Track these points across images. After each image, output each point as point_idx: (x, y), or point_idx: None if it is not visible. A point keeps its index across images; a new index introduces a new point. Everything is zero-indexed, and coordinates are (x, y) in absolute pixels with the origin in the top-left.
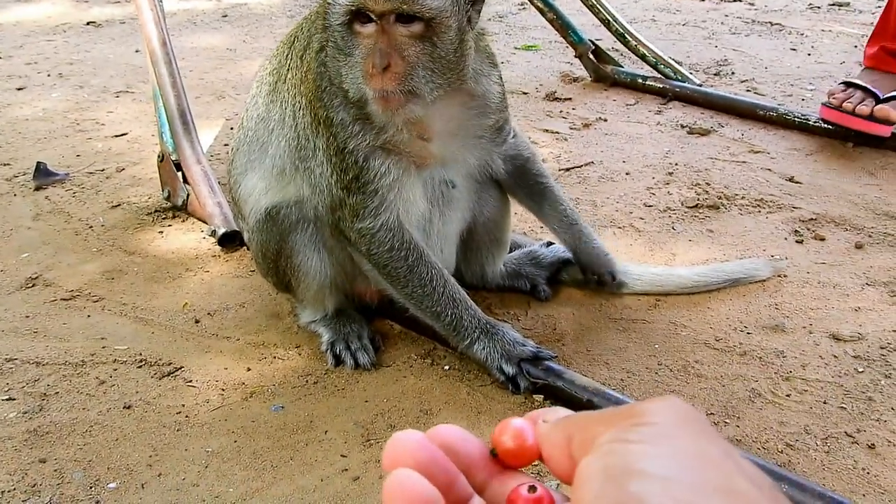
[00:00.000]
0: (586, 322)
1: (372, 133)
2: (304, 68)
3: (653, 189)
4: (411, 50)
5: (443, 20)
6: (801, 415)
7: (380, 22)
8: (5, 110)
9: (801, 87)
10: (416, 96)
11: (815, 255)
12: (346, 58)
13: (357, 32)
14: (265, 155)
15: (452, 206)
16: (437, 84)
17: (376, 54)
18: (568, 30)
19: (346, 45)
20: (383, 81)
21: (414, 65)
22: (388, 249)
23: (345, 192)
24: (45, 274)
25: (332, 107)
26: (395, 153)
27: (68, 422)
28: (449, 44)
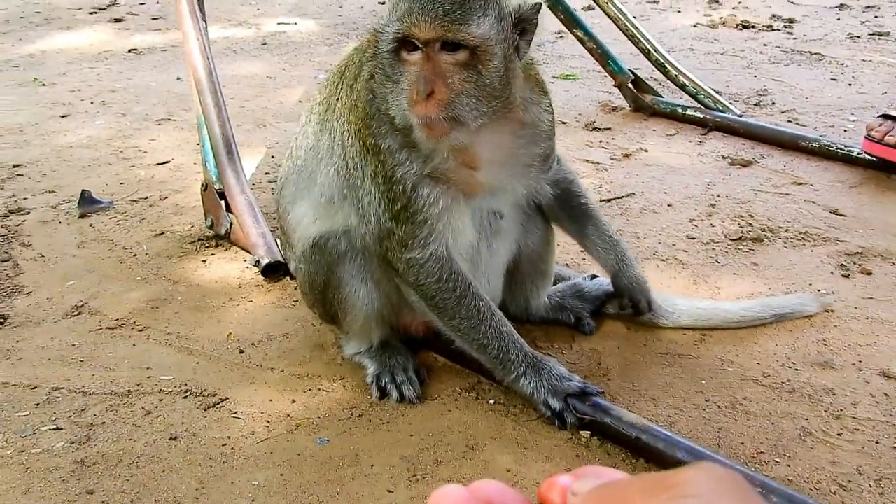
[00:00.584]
0: (631, 357)
1: (419, 161)
2: (353, 97)
3: (695, 221)
4: (456, 77)
5: (488, 48)
6: (853, 455)
7: (425, 49)
8: (50, 137)
9: (843, 117)
10: (460, 123)
11: (863, 290)
12: (393, 84)
13: (404, 60)
14: (313, 184)
15: (500, 237)
16: (482, 112)
17: (421, 81)
18: (607, 59)
19: (393, 72)
20: (427, 108)
21: (458, 92)
22: (437, 280)
23: (393, 221)
24: (90, 302)
25: (381, 134)
26: (443, 182)
27: (115, 453)
28: (494, 72)
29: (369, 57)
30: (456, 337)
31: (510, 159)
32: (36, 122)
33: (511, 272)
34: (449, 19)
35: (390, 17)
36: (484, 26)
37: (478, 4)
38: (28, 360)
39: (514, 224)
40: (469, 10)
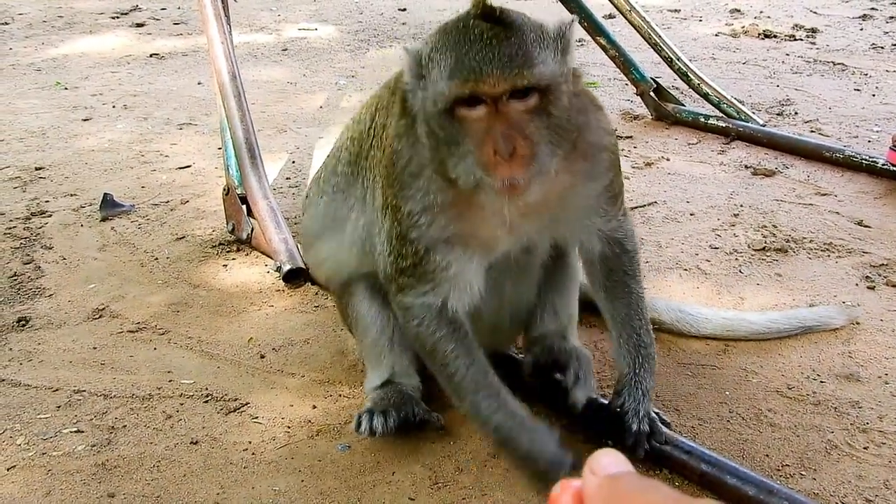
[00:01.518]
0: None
1: (439, 226)
2: (382, 148)
3: (718, 231)
4: (531, 126)
5: (557, 85)
6: (880, 469)
7: (492, 103)
8: (72, 141)
9: (867, 128)
10: (542, 175)
11: (888, 302)
12: (449, 147)
13: (462, 117)
14: (342, 230)
15: (528, 271)
16: (559, 156)
17: (499, 140)
18: (630, 67)
19: (449, 133)
20: (512, 169)
21: (537, 142)
22: (426, 327)
23: (398, 273)
24: (111, 305)
25: (402, 196)
26: (461, 245)
27: (136, 456)
28: (563, 109)
29: (395, 114)
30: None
31: (562, 202)
32: (58, 125)
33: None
34: (517, 65)
35: (438, 76)
36: (549, 62)
37: (534, 39)
38: (49, 363)
39: (540, 260)
40: (532, 49)
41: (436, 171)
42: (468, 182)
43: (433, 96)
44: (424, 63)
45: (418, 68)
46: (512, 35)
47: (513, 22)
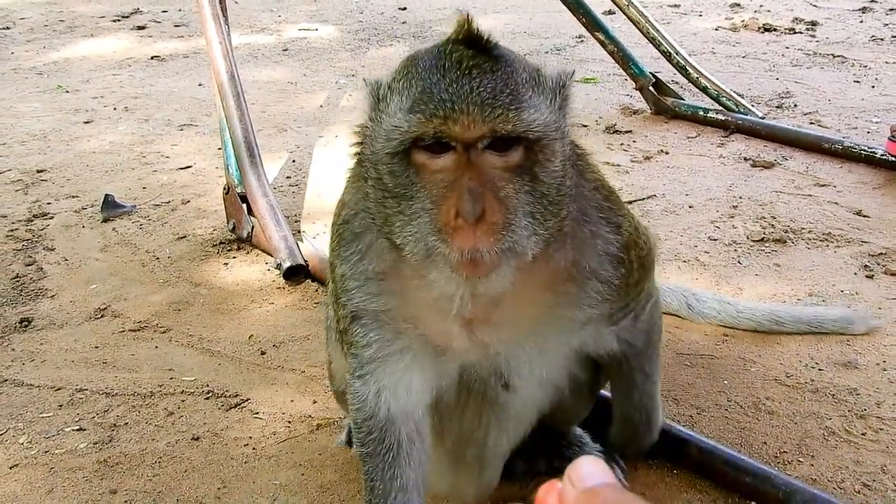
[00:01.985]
0: None
1: (369, 295)
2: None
3: (717, 222)
4: (510, 188)
5: (550, 140)
6: (878, 454)
7: (463, 151)
8: (74, 143)
9: (867, 119)
10: (515, 255)
11: (887, 291)
12: (399, 202)
13: (420, 165)
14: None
15: (504, 414)
16: (539, 236)
17: (464, 197)
18: (629, 62)
19: (400, 183)
20: (476, 238)
21: (515, 210)
22: (357, 420)
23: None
24: (113, 305)
25: (338, 254)
26: (395, 327)
27: (138, 453)
28: (554, 174)
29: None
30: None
31: (537, 314)
32: (59, 128)
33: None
34: (502, 104)
35: (397, 108)
36: (542, 109)
37: (527, 79)
38: (52, 362)
39: (534, 396)
40: (523, 88)
41: (379, 231)
42: (417, 251)
43: (386, 133)
44: (383, 94)
45: (375, 101)
46: (499, 68)
47: (502, 54)
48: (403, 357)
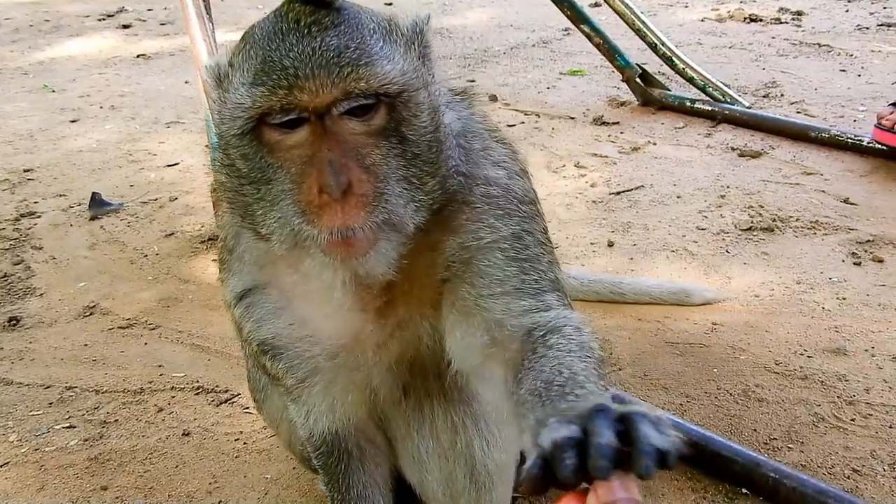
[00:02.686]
0: (642, 346)
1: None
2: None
3: (705, 212)
4: (376, 154)
5: (413, 95)
6: (867, 440)
7: (318, 121)
8: (60, 142)
9: (853, 108)
10: (395, 229)
11: (874, 277)
12: (257, 187)
13: (272, 143)
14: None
15: (468, 409)
16: (420, 203)
17: (325, 171)
18: (615, 54)
19: (254, 167)
20: (345, 214)
21: (386, 177)
22: (302, 437)
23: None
24: (102, 302)
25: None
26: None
27: (128, 449)
28: (423, 131)
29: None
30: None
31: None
32: (46, 127)
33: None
34: (350, 61)
35: (239, 83)
36: (397, 59)
37: (374, 29)
38: (41, 361)
39: (502, 395)
40: (371, 40)
41: (245, 226)
42: (284, 238)
43: (231, 113)
44: (224, 72)
45: (217, 81)
46: (342, 21)
47: (344, 7)
48: (316, 377)
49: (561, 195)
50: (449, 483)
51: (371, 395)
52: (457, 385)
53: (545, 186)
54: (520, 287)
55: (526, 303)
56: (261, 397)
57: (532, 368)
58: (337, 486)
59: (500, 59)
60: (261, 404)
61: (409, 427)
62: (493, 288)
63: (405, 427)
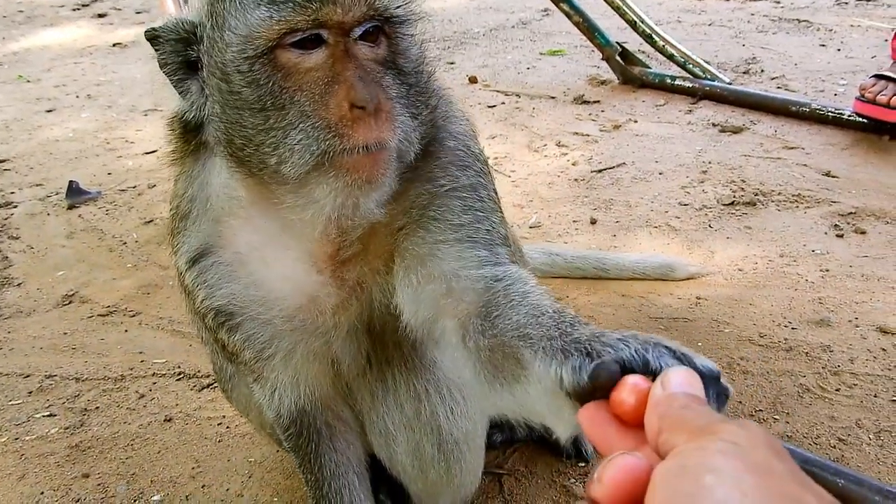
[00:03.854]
0: (627, 322)
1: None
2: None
3: (687, 188)
4: (385, 79)
5: (414, 23)
6: (852, 409)
7: (338, 42)
8: (36, 132)
9: (833, 82)
10: (400, 157)
11: (857, 249)
12: (266, 115)
13: (289, 66)
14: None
15: (430, 376)
16: (417, 133)
17: (358, 87)
18: (594, 33)
19: (264, 93)
20: (379, 128)
21: (396, 100)
22: (270, 419)
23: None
24: (81, 291)
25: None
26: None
27: (110, 436)
28: (418, 61)
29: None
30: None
31: (402, 243)
32: (21, 117)
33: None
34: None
35: (253, 2)
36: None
37: None
38: (20, 350)
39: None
40: None
41: (237, 163)
42: (305, 161)
43: (242, 35)
44: (224, 6)
45: (210, 11)
46: None
47: None
48: (273, 346)
49: (543, 174)
50: (417, 454)
51: (333, 366)
52: (416, 352)
53: (527, 166)
54: (474, 236)
55: (480, 253)
56: (228, 387)
57: (505, 315)
58: (309, 467)
59: (479, 40)
60: (229, 394)
61: (373, 399)
62: (447, 234)
63: (370, 399)
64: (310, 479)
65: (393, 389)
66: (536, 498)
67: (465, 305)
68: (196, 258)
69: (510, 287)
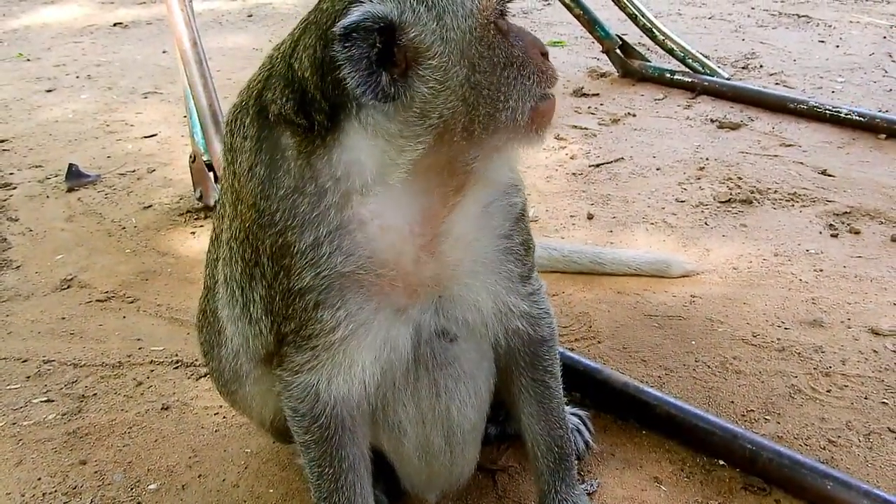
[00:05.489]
0: (622, 319)
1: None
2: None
3: (684, 184)
4: None
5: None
6: (843, 411)
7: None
8: (35, 112)
9: (831, 79)
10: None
11: (851, 249)
12: (490, 78)
13: (505, 30)
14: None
15: (451, 372)
16: None
17: (537, 38)
18: (595, 25)
19: (493, 58)
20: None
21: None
22: (295, 410)
23: (279, 343)
24: (79, 275)
25: (292, 226)
26: (367, 286)
27: (107, 423)
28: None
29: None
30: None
31: (477, 238)
32: (21, 97)
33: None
34: None
35: None
36: None
37: None
38: (18, 334)
39: (478, 357)
40: None
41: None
42: (527, 109)
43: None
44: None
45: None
46: None
47: None
48: (370, 325)
49: (541, 167)
50: (425, 447)
51: (393, 352)
52: (448, 346)
53: (525, 159)
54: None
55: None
56: (234, 388)
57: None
58: (329, 461)
59: None
60: (233, 395)
61: (394, 390)
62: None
63: (392, 393)
64: (324, 473)
65: (413, 384)
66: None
67: (514, 326)
68: (316, 237)
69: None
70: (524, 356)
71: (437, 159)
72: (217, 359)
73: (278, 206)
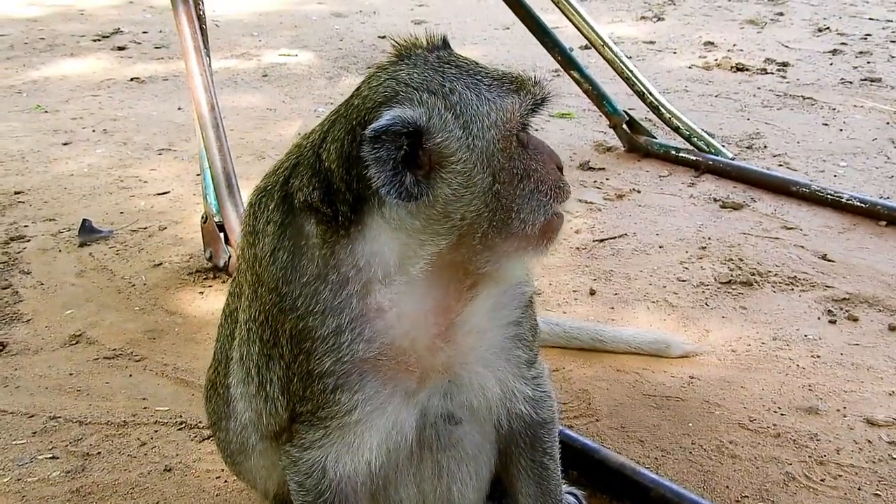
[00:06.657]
0: (621, 398)
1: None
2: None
3: (686, 263)
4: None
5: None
6: (836, 500)
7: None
8: (52, 165)
9: (834, 163)
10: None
11: (849, 336)
12: (518, 187)
13: (525, 142)
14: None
15: (454, 454)
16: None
17: (553, 152)
18: (603, 100)
19: (517, 163)
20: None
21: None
22: (301, 484)
23: (291, 420)
24: (88, 331)
25: (314, 311)
26: (383, 371)
27: (110, 483)
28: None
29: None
30: None
31: (489, 328)
32: (38, 149)
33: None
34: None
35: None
36: None
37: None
38: (26, 389)
39: (479, 439)
40: None
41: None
42: (541, 220)
43: (500, 122)
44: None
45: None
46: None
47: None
48: (384, 409)
49: None
50: (407, 469)
51: (401, 433)
52: (452, 428)
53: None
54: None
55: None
56: (240, 459)
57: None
58: None
59: None
60: (238, 466)
61: (398, 473)
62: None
63: (394, 473)
64: None
65: (418, 462)
66: None
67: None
68: (339, 324)
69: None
70: (524, 437)
71: (454, 257)
72: (225, 430)
73: (301, 292)
